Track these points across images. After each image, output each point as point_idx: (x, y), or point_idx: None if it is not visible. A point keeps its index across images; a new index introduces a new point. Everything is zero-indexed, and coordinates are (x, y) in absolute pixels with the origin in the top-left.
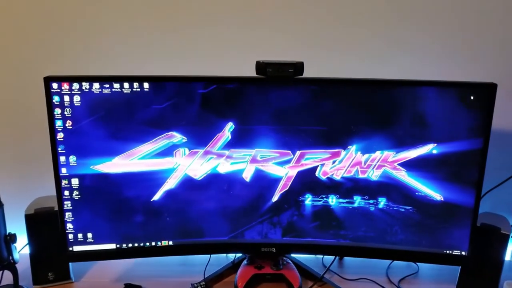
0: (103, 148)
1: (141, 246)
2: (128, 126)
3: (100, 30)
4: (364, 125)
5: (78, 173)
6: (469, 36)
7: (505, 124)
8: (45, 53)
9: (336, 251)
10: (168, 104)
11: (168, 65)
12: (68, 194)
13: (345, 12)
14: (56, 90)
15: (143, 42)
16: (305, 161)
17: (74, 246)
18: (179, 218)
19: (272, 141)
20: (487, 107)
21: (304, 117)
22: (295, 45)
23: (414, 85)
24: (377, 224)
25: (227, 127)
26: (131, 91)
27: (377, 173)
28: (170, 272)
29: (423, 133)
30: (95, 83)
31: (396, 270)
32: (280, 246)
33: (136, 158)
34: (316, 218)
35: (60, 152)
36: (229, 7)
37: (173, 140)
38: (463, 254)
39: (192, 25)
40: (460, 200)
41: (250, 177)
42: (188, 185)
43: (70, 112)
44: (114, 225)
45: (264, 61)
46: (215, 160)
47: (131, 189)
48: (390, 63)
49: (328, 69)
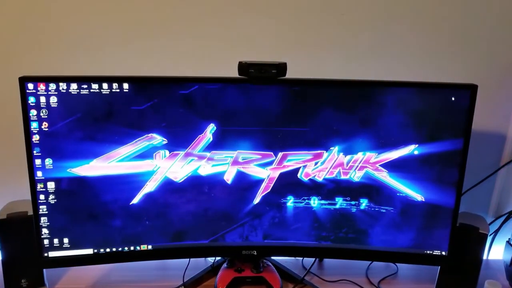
0: (81, 151)
1: (119, 251)
2: (107, 128)
3: (77, 29)
4: (347, 126)
5: (54, 176)
6: (451, 37)
7: (479, 124)
8: (21, 53)
9: (318, 253)
10: (148, 105)
11: (149, 66)
12: (43, 198)
13: (328, 13)
14: (32, 90)
15: (123, 42)
16: (287, 162)
17: (49, 251)
18: (158, 222)
19: (254, 142)
20: (468, 108)
21: (287, 118)
22: (277, 45)
23: (396, 86)
24: (358, 225)
25: (209, 128)
26: (110, 92)
27: (359, 174)
28: (148, 277)
29: (405, 134)
30: (72, 84)
31: (376, 270)
32: (261, 249)
33: (115, 160)
34: (297, 220)
35: (36, 155)
36: (212, 5)
37: (153, 142)
38: (443, 254)
39: (174, 24)
40: (440, 201)
41: (232, 179)
42: (168, 188)
43: (46, 113)
44: (91, 229)
45: (247, 62)
46: (196, 162)
47: (110, 193)
48: (373, 64)
49: (310, 70)
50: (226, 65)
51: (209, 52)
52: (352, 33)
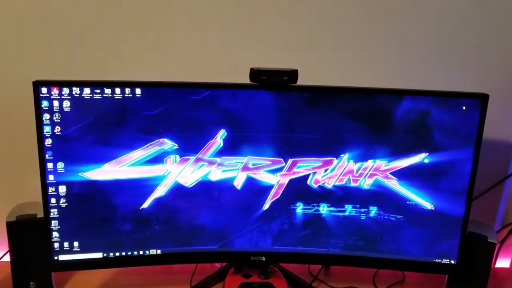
0: (92, 155)
1: (128, 255)
2: (119, 132)
3: (91, 34)
4: (357, 134)
5: (65, 180)
6: (462, 46)
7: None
8: (35, 57)
9: (327, 260)
10: (160, 110)
11: (161, 71)
12: (54, 201)
13: (341, 19)
14: (45, 94)
15: (136, 47)
16: (297, 169)
17: (59, 255)
18: (168, 227)
19: (264, 148)
20: (478, 118)
21: (297, 125)
22: (289, 52)
23: (407, 94)
24: (367, 232)
25: (219, 134)
26: (122, 97)
27: (368, 181)
28: (155, 281)
29: (416, 142)
30: (86, 88)
31: (382, 278)
32: (270, 255)
33: (126, 165)
34: (306, 227)
35: (48, 158)
36: (225, 12)
37: (164, 147)
38: (451, 262)
39: (186, 30)
40: (450, 209)
41: (241, 185)
42: (178, 192)
43: (59, 117)
44: (101, 233)
45: (259, 68)
46: (206, 167)
47: (120, 197)
48: (384, 72)
49: (322, 76)
50: (238, 71)
51: (221, 58)
52: (362, 41)
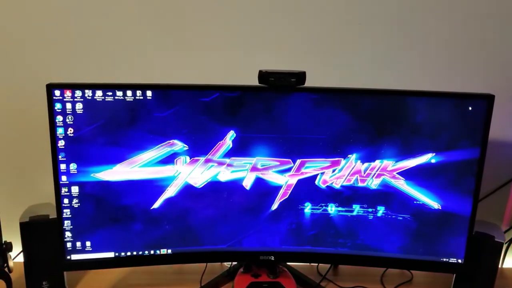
0: (104, 156)
1: (139, 255)
2: (130, 134)
3: (103, 38)
4: (364, 134)
5: (78, 180)
6: (469, 47)
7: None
8: (48, 60)
9: (335, 260)
10: (170, 112)
11: (171, 74)
12: (67, 202)
13: (348, 21)
14: (58, 97)
15: (147, 50)
16: (305, 169)
17: (72, 254)
18: (178, 226)
19: (272, 149)
20: (485, 118)
21: (305, 126)
22: (297, 54)
23: (414, 95)
24: (375, 232)
25: (229, 135)
26: (134, 99)
27: (376, 181)
28: (165, 280)
29: (423, 143)
30: (98, 91)
31: (390, 277)
32: (279, 254)
33: (137, 166)
34: (315, 227)
35: (61, 159)
36: (234, 15)
37: (175, 148)
38: (459, 262)
39: (195, 33)
40: (457, 209)
41: (250, 185)
42: (188, 193)
43: (72, 119)
44: (113, 233)
45: (267, 70)
46: (215, 168)
47: (131, 197)
48: (390, 72)
49: (329, 78)
50: (246, 73)
51: (230, 60)
52: (369, 42)
